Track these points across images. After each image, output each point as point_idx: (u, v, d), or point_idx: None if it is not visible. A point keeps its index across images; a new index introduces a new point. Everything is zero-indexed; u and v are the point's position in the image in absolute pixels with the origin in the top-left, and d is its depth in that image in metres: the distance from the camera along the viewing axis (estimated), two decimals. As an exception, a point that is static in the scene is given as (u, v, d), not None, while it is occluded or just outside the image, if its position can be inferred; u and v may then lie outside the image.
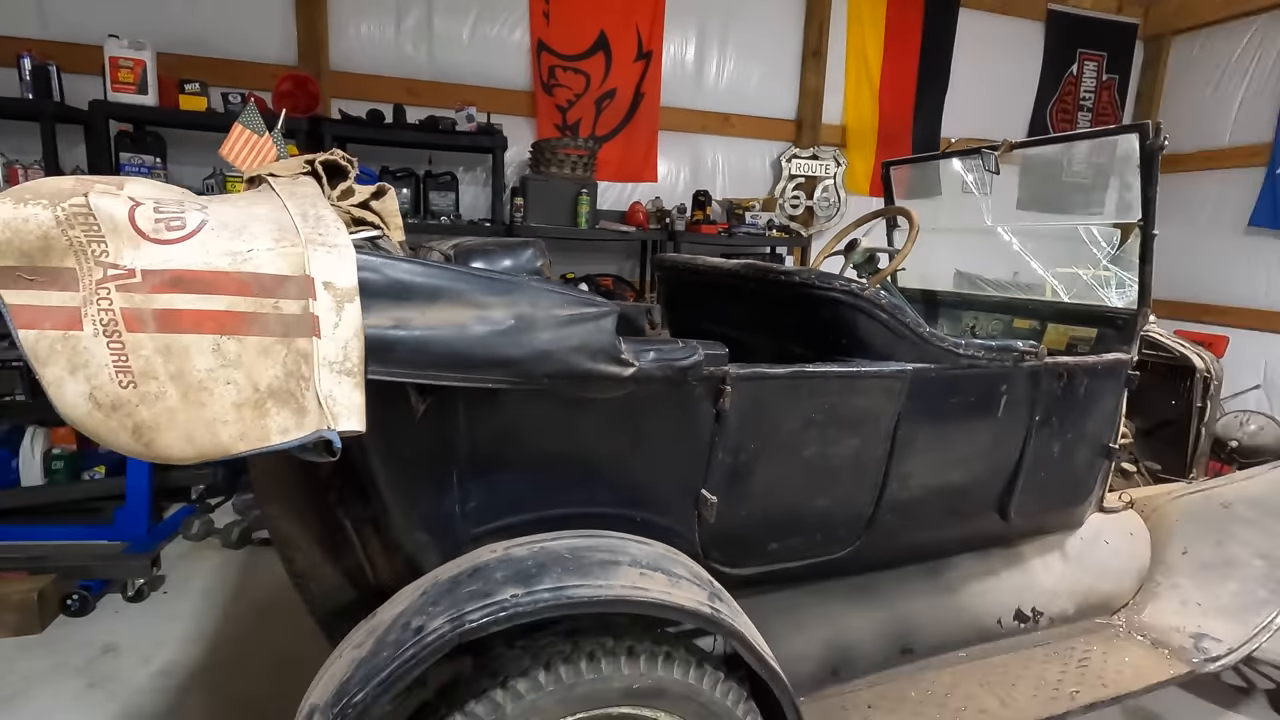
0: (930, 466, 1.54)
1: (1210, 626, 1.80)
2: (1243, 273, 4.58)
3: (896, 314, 1.40)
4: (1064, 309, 2.07)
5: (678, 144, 4.28)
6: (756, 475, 1.32)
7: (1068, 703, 1.53)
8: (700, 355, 1.13)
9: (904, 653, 1.62)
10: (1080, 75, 5.02)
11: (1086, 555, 1.93)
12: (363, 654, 0.92)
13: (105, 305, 0.78)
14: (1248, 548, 1.90)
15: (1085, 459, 1.85)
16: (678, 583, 1.07)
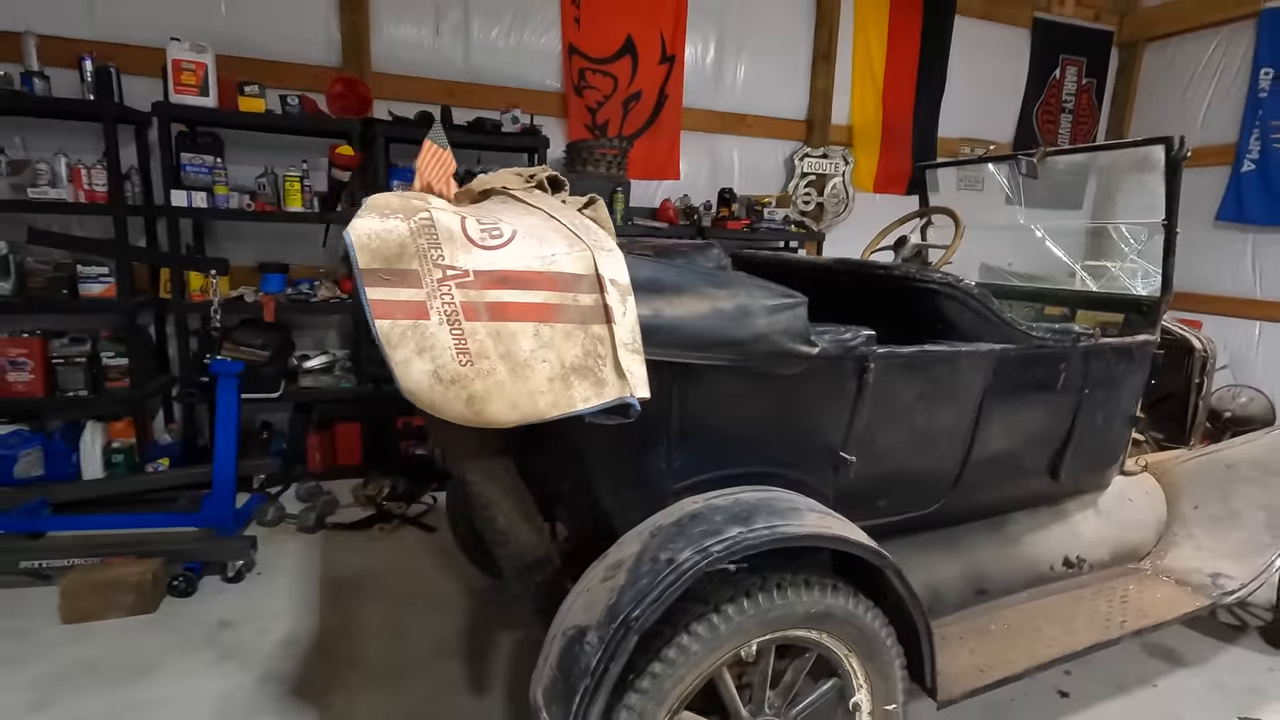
0: (1005, 433, 1.80)
1: (1223, 567, 2.11)
2: (1212, 263, 4.99)
3: (985, 302, 1.65)
4: (1092, 297, 2.35)
5: (698, 143, 4.50)
6: (880, 440, 1.55)
7: (1119, 630, 1.81)
8: (861, 337, 1.36)
9: (979, 594, 1.88)
10: (1063, 79, 5.38)
11: (1116, 511, 2.23)
12: (621, 583, 1.13)
13: (448, 299, 0.97)
14: (1250, 502, 2.21)
15: (1117, 427, 2.14)
16: (846, 526, 1.30)
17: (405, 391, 0.98)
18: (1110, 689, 2.16)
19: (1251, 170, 4.70)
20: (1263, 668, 2.32)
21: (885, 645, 1.38)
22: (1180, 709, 2.09)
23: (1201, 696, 2.16)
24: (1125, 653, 2.32)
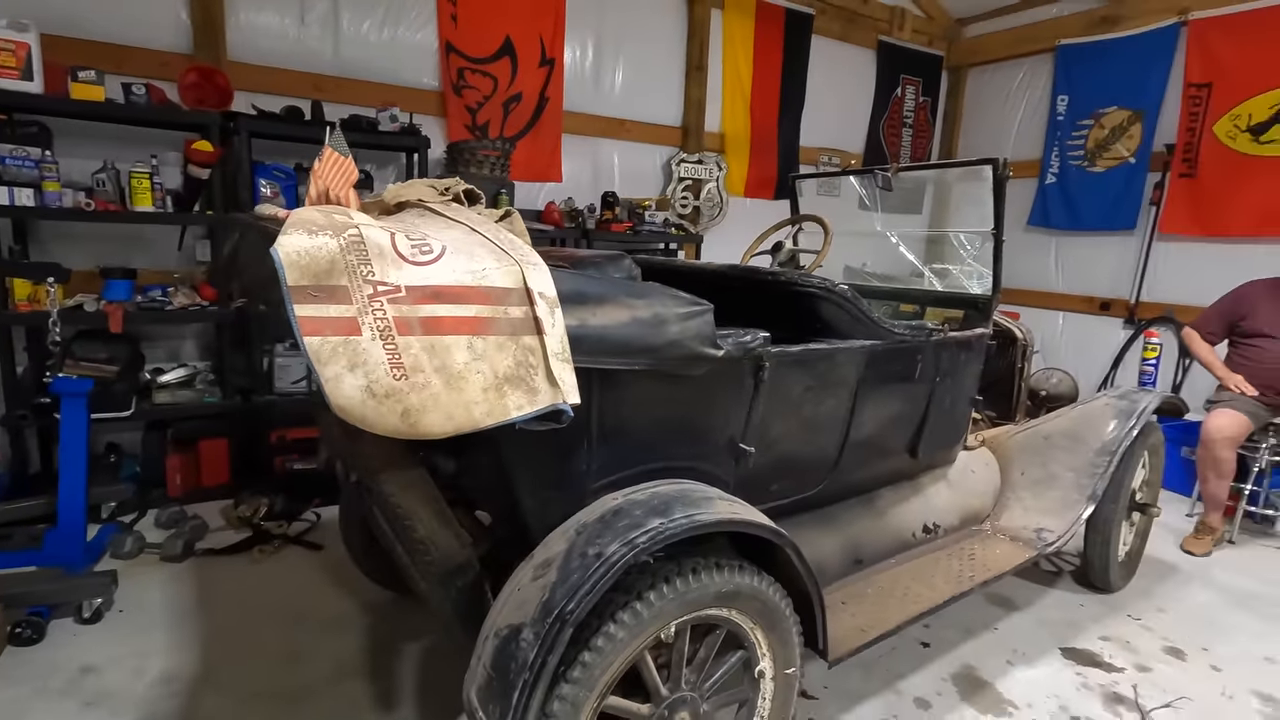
0: (874, 419, 2.03)
1: (1045, 523, 2.50)
2: (1025, 262, 5.76)
3: (856, 303, 1.86)
4: (938, 295, 2.69)
5: (580, 146, 4.56)
6: (773, 431, 1.71)
7: (969, 583, 2.11)
8: (759, 339, 1.50)
9: (856, 563, 2.11)
10: (903, 97, 5.98)
11: (961, 482, 2.57)
12: (553, 579, 1.18)
13: (380, 315, 0.98)
14: (1063, 465, 2.63)
15: (961, 408, 2.46)
16: (751, 510, 1.43)
17: (335, 407, 0.98)
18: (961, 635, 2.49)
19: (1053, 182, 5.49)
20: (1075, 604, 2.77)
21: (785, 616, 1.53)
22: (1015, 644, 2.45)
23: (1030, 633, 2.54)
24: (971, 604, 2.68)
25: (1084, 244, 5.40)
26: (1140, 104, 4.96)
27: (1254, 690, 2.28)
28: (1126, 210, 5.06)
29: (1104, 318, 5.27)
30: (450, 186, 1.33)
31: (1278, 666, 2.42)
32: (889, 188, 2.60)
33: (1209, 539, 3.33)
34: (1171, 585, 2.98)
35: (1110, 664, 2.38)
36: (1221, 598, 2.90)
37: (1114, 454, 2.55)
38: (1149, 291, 5.01)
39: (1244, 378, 3.33)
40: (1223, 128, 4.54)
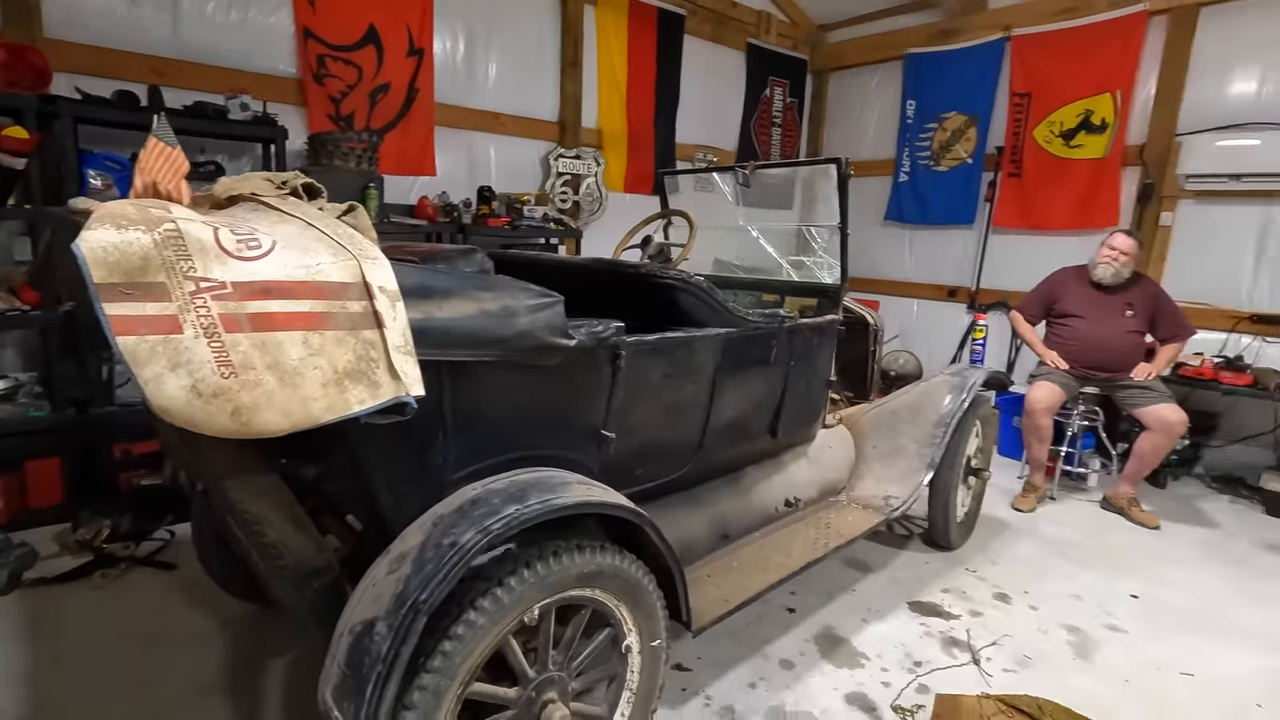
0: (734, 403, 2.16)
1: (892, 490, 2.75)
2: (883, 254, 6.24)
3: (711, 293, 1.97)
4: (795, 285, 2.88)
5: (454, 140, 4.48)
6: (634, 417, 1.79)
7: (824, 549, 2.29)
8: (612, 329, 1.56)
9: (723, 538, 2.24)
10: (772, 98, 6.29)
11: (820, 457, 2.77)
12: (407, 572, 1.19)
13: (204, 312, 0.96)
14: (908, 438, 2.90)
15: (817, 389, 2.66)
16: (609, 494, 1.50)
17: (158, 409, 0.94)
18: (823, 599, 2.70)
19: (906, 181, 5.97)
20: (922, 562, 3.06)
21: (648, 591, 1.61)
22: (870, 603, 2.69)
23: (883, 591, 2.79)
24: (832, 569, 2.91)
25: (933, 237, 5.92)
26: (975, 109, 5.50)
27: (1063, 624, 2.62)
28: (966, 206, 5.60)
29: (951, 303, 5.81)
30: (289, 180, 1.30)
31: (1083, 602, 2.80)
32: (747, 184, 2.76)
33: (1034, 497, 3.78)
34: (1003, 540, 3.36)
35: (949, 612, 2.66)
36: (1043, 548, 3.30)
37: (948, 425, 2.84)
38: (987, 279, 5.57)
39: (1058, 354, 3.80)
40: (1041, 133, 5.12)
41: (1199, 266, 4.50)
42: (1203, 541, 3.45)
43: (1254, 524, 3.72)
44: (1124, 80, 4.69)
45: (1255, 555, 3.32)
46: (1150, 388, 3.58)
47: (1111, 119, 4.77)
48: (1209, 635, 2.60)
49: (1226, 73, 4.36)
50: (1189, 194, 4.48)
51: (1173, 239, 4.62)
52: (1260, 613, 2.78)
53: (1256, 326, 4.26)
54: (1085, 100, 4.88)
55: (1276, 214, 4.20)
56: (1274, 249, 4.23)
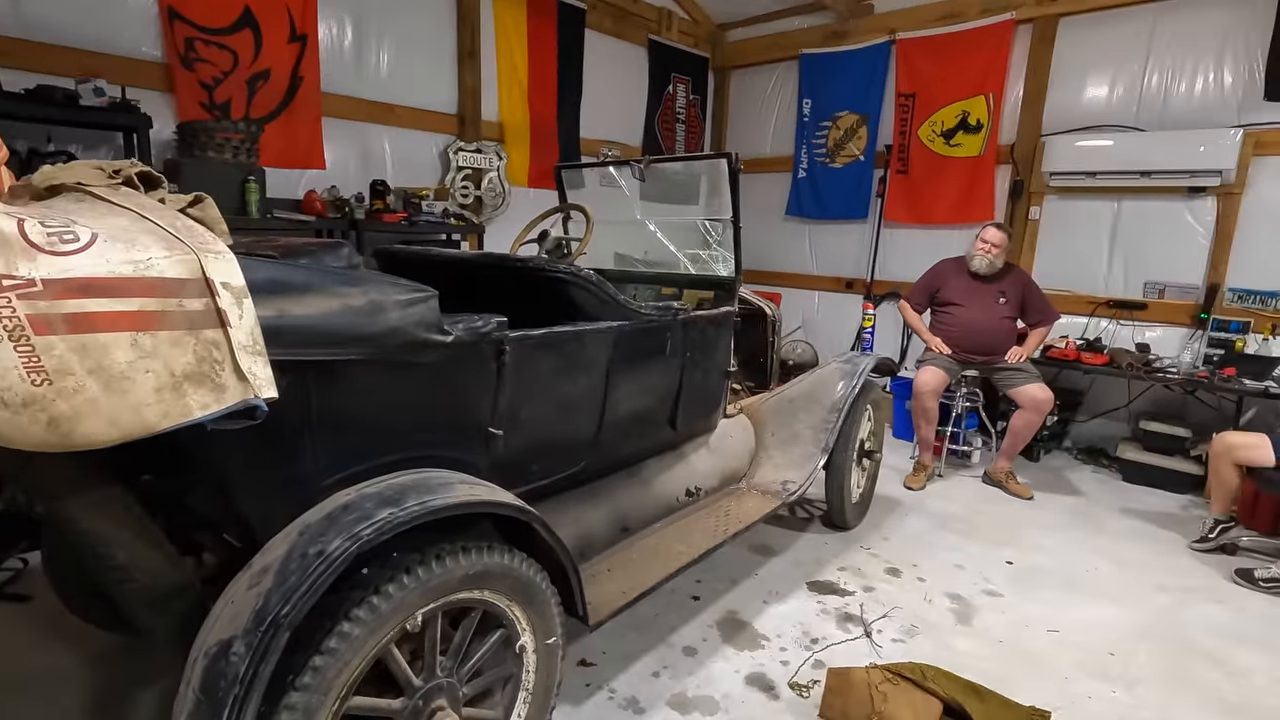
0: (630, 396, 2.17)
1: (789, 475, 2.84)
2: (786, 248, 6.45)
3: (602, 287, 1.97)
4: (693, 278, 2.92)
5: (345, 132, 4.27)
6: (524, 413, 1.76)
7: (723, 535, 2.34)
8: (493, 323, 1.52)
9: (623, 531, 2.25)
10: (675, 94, 6.36)
11: (721, 446, 2.83)
12: (269, 586, 1.12)
13: (8, 313, 0.86)
14: (804, 424, 3.00)
15: (716, 380, 2.71)
16: (495, 492, 1.47)
17: (-44, 423, 0.84)
18: (728, 585, 2.76)
19: (804, 177, 6.18)
20: (821, 543, 3.19)
21: (541, 589, 1.59)
22: (772, 585, 2.77)
23: (786, 573, 2.88)
24: (738, 555, 2.98)
25: (831, 231, 6.16)
26: (865, 109, 5.76)
27: (947, 592, 2.79)
28: (860, 202, 5.86)
29: (849, 295, 6.07)
30: (122, 169, 1.19)
31: (965, 571, 2.99)
32: (642, 178, 2.77)
33: (923, 475, 4.01)
34: (895, 517, 3.54)
35: (844, 589, 2.78)
36: (931, 523, 3.51)
37: (841, 411, 2.97)
38: (881, 271, 5.85)
39: (941, 340, 4.04)
40: (925, 132, 5.43)
41: (1063, 257, 4.90)
42: (1070, 509, 3.76)
43: (1112, 490, 4.09)
44: (995, 83, 5.04)
45: (1113, 519, 3.65)
46: (1022, 369, 3.86)
47: (986, 120, 5.11)
48: (1072, 593, 2.84)
49: (1083, 78, 4.76)
50: (1053, 190, 4.86)
51: (1040, 231, 5.00)
52: (1116, 571, 3.06)
53: (1112, 311, 4.68)
54: (963, 102, 5.20)
55: (1125, 208, 4.63)
56: (1124, 240, 4.65)
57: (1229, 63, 4.25)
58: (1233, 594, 2.89)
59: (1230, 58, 4.25)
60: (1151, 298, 4.57)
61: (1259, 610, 2.76)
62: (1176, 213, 4.44)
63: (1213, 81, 4.31)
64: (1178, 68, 4.41)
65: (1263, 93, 4.11)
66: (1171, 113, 4.44)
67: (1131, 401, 4.60)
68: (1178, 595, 2.86)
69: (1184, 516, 3.72)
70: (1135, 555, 3.22)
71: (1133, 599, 2.82)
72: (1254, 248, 4.20)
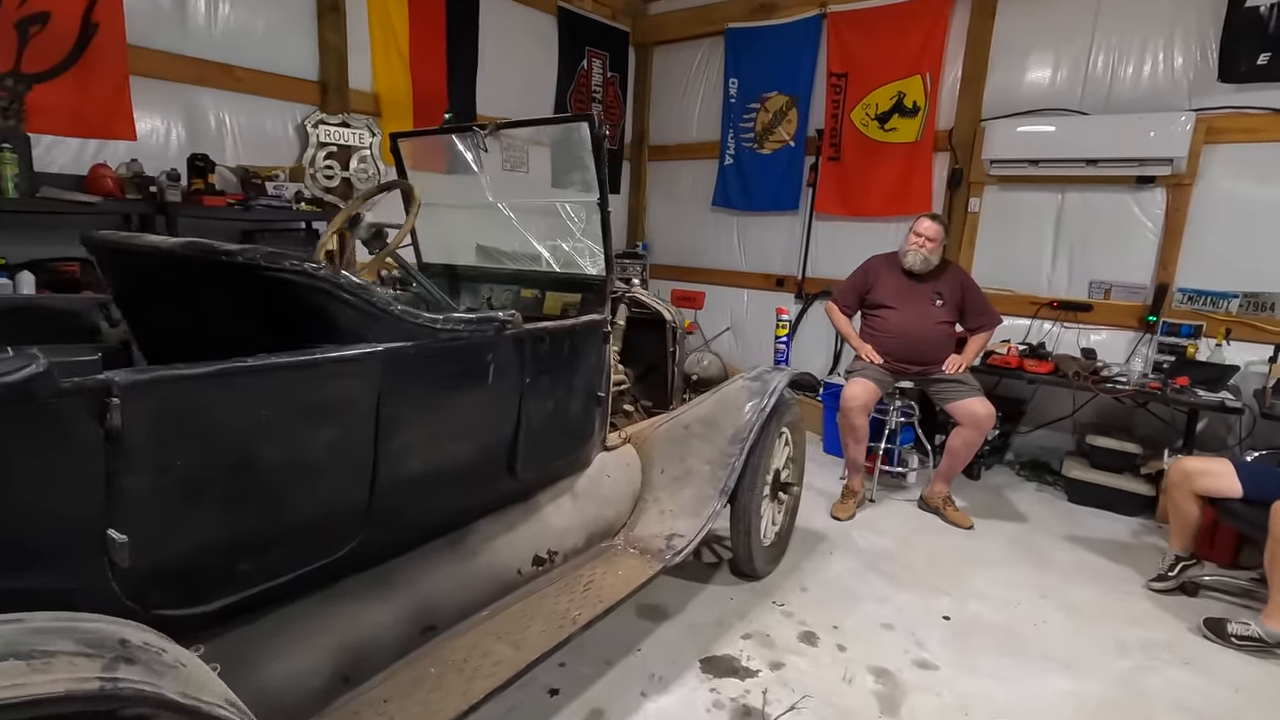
0: (427, 442, 1.54)
1: (678, 526, 2.26)
2: (712, 241, 5.90)
3: (362, 294, 1.33)
4: (557, 278, 2.31)
5: (164, 96, 3.50)
6: (193, 495, 1.11)
7: (571, 627, 1.74)
8: (38, 368, 0.87)
9: (426, 631, 1.62)
10: (590, 70, 5.73)
11: (593, 491, 2.23)
12: None
13: None
14: (699, 457, 2.43)
15: (581, 408, 2.11)
16: (50, 664, 0.82)
17: None
18: (599, 668, 2.17)
19: (731, 164, 5.64)
20: (726, 599, 2.62)
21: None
22: (655, 666, 2.19)
23: (675, 647, 2.31)
24: (619, 621, 2.38)
25: (760, 223, 5.64)
26: (795, 90, 5.24)
27: (871, 667, 2.26)
28: (789, 191, 5.35)
29: (779, 293, 5.56)
30: None
31: (894, 632, 2.47)
32: (485, 148, 2.15)
33: (852, 502, 3.50)
34: (817, 558, 3.01)
35: (746, 668, 2.22)
36: (857, 562, 2.99)
37: (745, 441, 2.40)
38: (813, 267, 5.36)
39: (872, 347, 3.54)
40: (858, 115, 4.94)
41: (1005, 253, 4.48)
42: (1012, 539, 3.31)
43: (1057, 513, 3.66)
44: (933, 62, 4.58)
45: (1060, 551, 3.21)
46: (961, 381, 3.39)
47: (923, 102, 4.64)
48: (1020, 658, 2.36)
49: (1025, 59, 4.33)
50: (993, 180, 4.43)
51: (980, 225, 4.57)
52: (1067, 623, 2.60)
53: (1056, 312, 4.28)
54: (898, 82, 4.73)
55: (1069, 200, 4.22)
56: (1068, 235, 4.25)
57: (1179, 42, 3.87)
58: (1201, 652, 2.45)
59: (1181, 36, 3.86)
60: (1097, 298, 4.18)
61: (1231, 673, 2.33)
62: (1123, 205, 4.06)
63: (1162, 62, 3.93)
64: (1125, 47, 4.02)
65: (1216, 74, 3.73)
66: (1118, 96, 4.04)
67: (1076, 411, 4.20)
68: (1140, 657, 2.40)
69: (1137, 545, 3.31)
70: (1088, 600, 2.77)
71: (1089, 663, 2.34)
72: (1205, 244, 3.84)
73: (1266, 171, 3.65)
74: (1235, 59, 3.66)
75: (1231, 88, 3.71)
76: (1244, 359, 3.68)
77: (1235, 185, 3.74)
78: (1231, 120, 3.70)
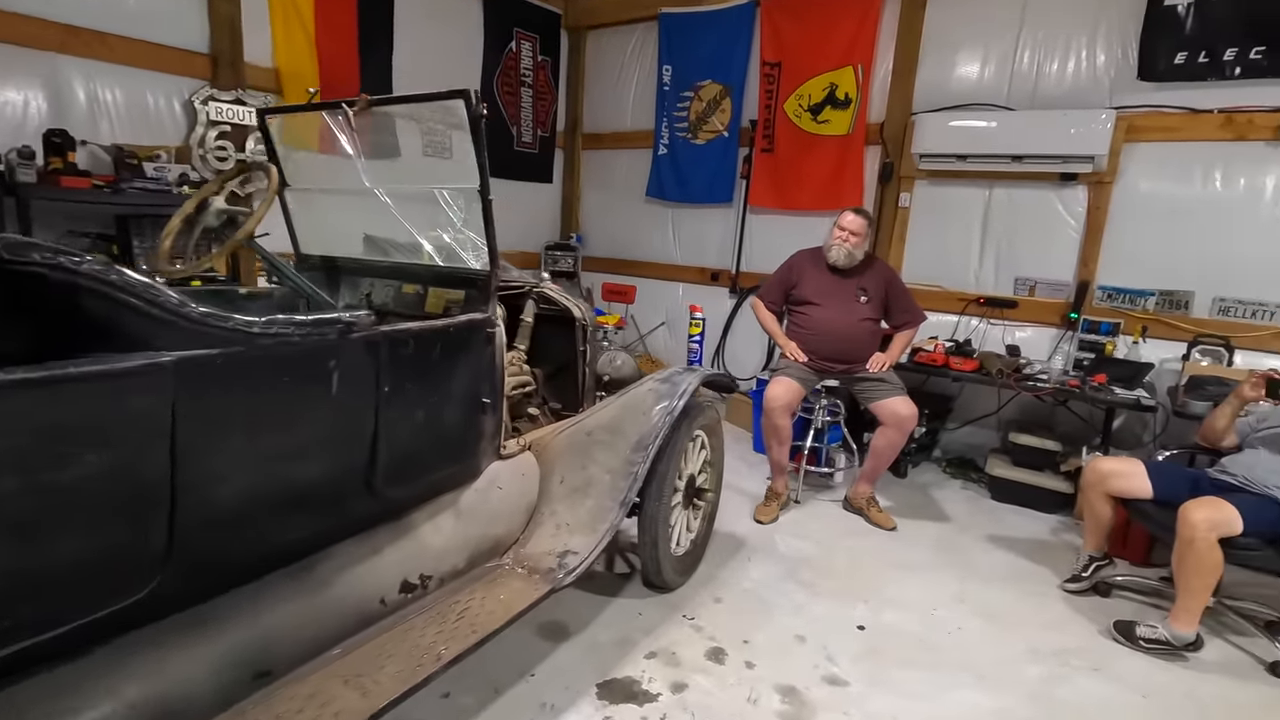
0: (249, 465, 1.33)
1: (573, 543, 2.09)
2: (646, 234, 5.74)
3: (143, 293, 1.12)
4: (439, 272, 2.10)
5: (20, 63, 3.13)
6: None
7: (433, 665, 1.56)
8: None
9: (259, 677, 1.41)
10: (519, 53, 5.48)
11: (480, 505, 2.04)
12: None
13: None
14: (601, 466, 2.26)
15: (460, 416, 1.91)
16: None
17: None
18: (485, 697, 1.99)
19: (665, 154, 5.47)
20: (634, 614, 2.47)
21: None
22: (548, 694, 2.02)
23: (573, 669, 2.14)
24: (516, 639, 2.21)
25: (695, 216, 5.50)
26: (729, 79, 5.10)
27: (778, 685, 2.14)
28: (724, 183, 5.22)
29: (715, 288, 5.44)
30: None
31: (805, 645, 2.37)
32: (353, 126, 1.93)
33: (775, 505, 3.40)
34: (735, 565, 2.89)
35: (647, 692, 2.07)
36: (776, 569, 2.88)
37: (649, 448, 2.25)
38: (748, 262, 5.25)
39: (797, 345, 3.43)
40: (791, 106, 4.83)
41: (935, 249, 4.44)
42: (935, 540, 3.26)
43: (981, 512, 3.64)
44: (864, 54, 4.49)
45: (982, 552, 3.17)
46: (884, 379, 3.31)
47: (855, 94, 4.56)
48: (933, 670, 2.27)
49: (955, 53, 4.28)
50: (923, 174, 4.38)
51: (911, 221, 4.53)
52: (984, 628, 2.54)
53: (983, 309, 4.26)
54: (830, 73, 4.64)
55: (997, 196, 4.20)
56: (995, 231, 4.24)
57: (1102, 40, 3.87)
58: (1110, 656, 2.41)
59: (1104, 34, 3.86)
60: (1022, 295, 4.18)
61: (1139, 677, 2.29)
62: (1048, 202, 4.05)
63: (1085, 60, 3.92)
64: (1050, 43, 4.00)
65: (1136, 72, 3.74)
66: (1043, 93, 4.03)
67: (1001, 408, 4.20)
68: (1052, 663, 2.35)
69: (1055, 544, 3.30)
70: (1005, 603, 2.72)
71: (1002, 673, 2.28)
72: (1124, 242, 3.86)
73: (1183, 171, 3.68)
74: (1154, 58, 3.67)
75: (1151, 86, 3.72)
76: (1159, 356, 3.72)
77: (1153, 184, 3.76)
78: (1150, 119, 3.72)
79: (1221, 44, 3.48)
